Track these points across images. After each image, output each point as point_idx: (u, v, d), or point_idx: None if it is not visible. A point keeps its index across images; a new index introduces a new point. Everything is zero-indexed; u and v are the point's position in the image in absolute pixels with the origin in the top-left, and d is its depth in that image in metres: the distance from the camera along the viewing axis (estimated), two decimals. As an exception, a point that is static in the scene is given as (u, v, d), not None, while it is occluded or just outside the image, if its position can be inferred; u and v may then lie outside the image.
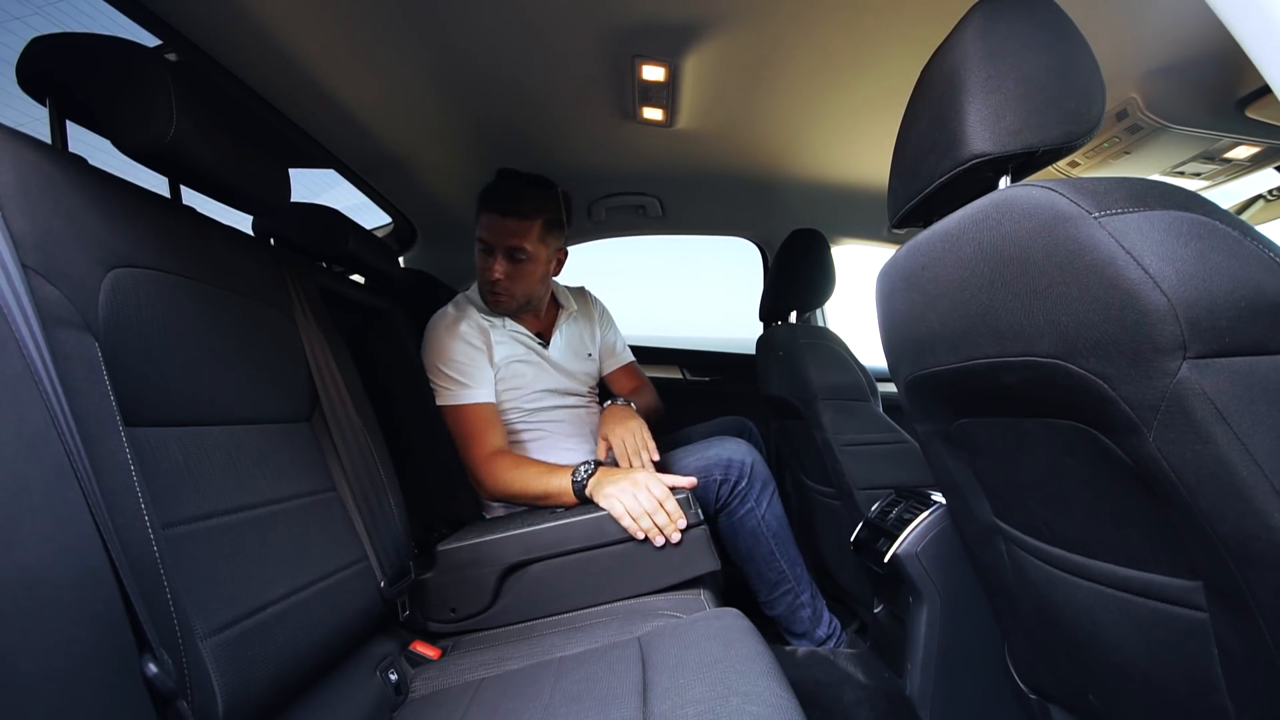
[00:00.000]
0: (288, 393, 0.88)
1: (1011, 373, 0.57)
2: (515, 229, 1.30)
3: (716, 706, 0.62)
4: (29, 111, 0.69)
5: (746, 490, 1.28)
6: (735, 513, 1.29)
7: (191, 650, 0.56)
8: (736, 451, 1.30)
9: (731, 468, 1.28)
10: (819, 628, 1.37)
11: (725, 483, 1.27)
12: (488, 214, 1.31)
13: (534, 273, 1.35)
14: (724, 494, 1.28)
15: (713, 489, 1.28)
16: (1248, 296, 0.42)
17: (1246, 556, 0.44)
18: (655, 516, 1.01)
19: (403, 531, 0.99)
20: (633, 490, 1.03)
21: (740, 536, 1.31)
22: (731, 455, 1.29)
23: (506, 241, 1.30)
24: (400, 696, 0.87)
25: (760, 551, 1.31)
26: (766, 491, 1.31)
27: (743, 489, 1.28)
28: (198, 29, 0.93)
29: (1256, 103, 0.99)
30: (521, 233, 1.30)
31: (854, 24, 1.06)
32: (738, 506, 1.29)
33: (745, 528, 1.30)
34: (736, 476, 1.27)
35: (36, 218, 0.55)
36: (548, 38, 1.11)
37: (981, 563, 0.85)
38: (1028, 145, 0.57)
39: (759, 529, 1.30)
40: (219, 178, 0.79)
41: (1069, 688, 0.76)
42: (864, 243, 2.01)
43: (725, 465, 1.28)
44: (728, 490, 1.28)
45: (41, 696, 0.41)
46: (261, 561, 0.70)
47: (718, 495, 1.28)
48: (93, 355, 0.56)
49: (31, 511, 0.43)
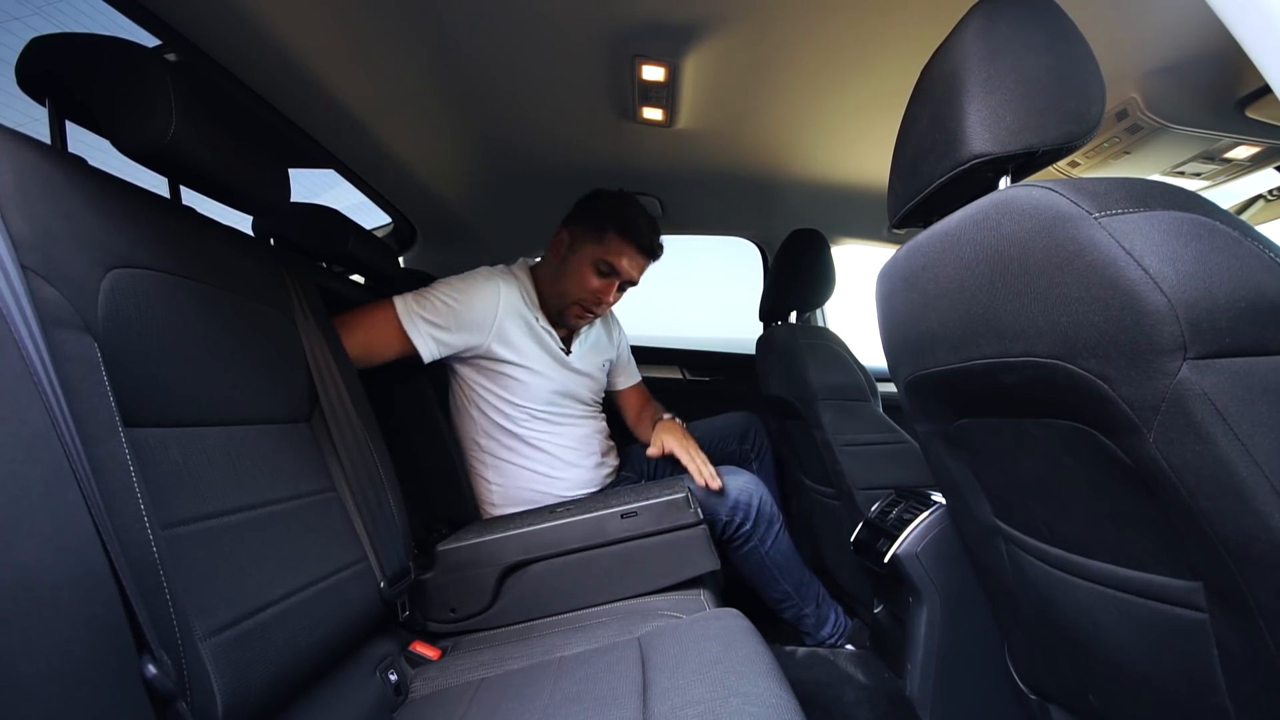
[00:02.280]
0: (287, 393, 0.88)
1: (1011, 373, 0.57)
2: (644, 268, 1.37)
3: (717, 707, 0.62)
4: (29, 111, 0.69)
5: (750, 531, 1.28)
6: (740, 549, 1.30)
7: (191, 651, 0.56)
8: (743, 492, 1.27)
9: (738, 509, 1.26)
10: (823, 629, 1.38)
11: (730, 523, 1.27)
12: (631, 247, 1.31)
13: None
14: (728, 532, 1.28)
15: (716, 524, 1.27)
16: (1248, 297, 0.42)
17: (1246, 557, 0.44)
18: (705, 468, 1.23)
19: (403, 531, 0.99)
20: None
21: (746, 566, 1.32)
22: (737, 498, 1.27)
23: (634, 277, 1.35)
24: (400, 697, 0.87)
25: (765, 579, 1.32)
26: (772, 530, 1.30)
27: (746, 531, 1.27)
28: (198, 29, 0.93)
29: (1256, 103, 0.99)
30: (643, 271, 1.37)
31: (854, 24, 1.06)
32: (741, 545, 1.29)
33: (750, 562, 1.31)
34: (741, 518, 1.27)
35: (36, 218, 0.55)
36: (548, 37, 1.11)
37: (981, 563, 0.85)
38: (1028, 145, 0.57)
39: (763, 563, 1.31)
40: (219, 178, 0.79)
41: (1069, 688, 0.76)
42: (864, 243, 2.01)
43: (731, 507, 1.26)
44: (732, 529, 1.27)
45: (41, 697, 0.41)
46: (261, 562, 0.70)
47: (722, 531, 1.28)
48: (92, 356, 0.56)
49: (30, 512, 0.43)
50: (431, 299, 1.22)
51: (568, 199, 1.57)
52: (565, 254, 1.34)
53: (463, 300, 1.23)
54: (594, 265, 1.30)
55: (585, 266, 1.30)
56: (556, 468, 1.35)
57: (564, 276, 1.33)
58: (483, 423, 1.33)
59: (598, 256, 1.30)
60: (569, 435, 1.38)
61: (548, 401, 1.35)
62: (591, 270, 1.31)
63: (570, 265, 1.32)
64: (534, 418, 1.34)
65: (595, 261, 1.30)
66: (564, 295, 1.33)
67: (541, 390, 1.33)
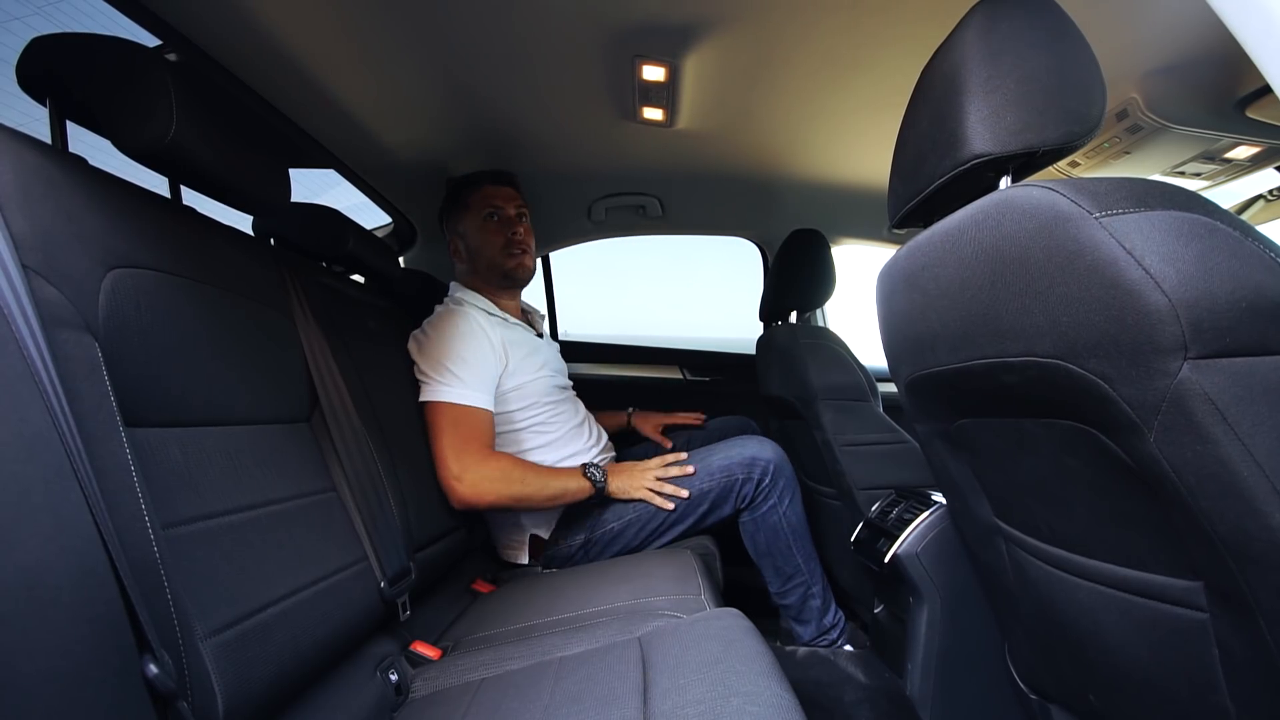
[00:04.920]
0: (287, 393, 0.88)
1: (1012, 373, 0.57)
2: (515, 195, 1.47)
3: (717, 707, 0.62)
4: (29, 111, 0.69)
5: (770, 488, 1.29)
6: (758, 509, 1.31)
7: (192, 651, 0.56)
8: (761, 451, 1.31)
9: (755, 466, 1.29)
10: (826, 616, 1.38)
11: (749, 481, 1.28)
12: (491, 187, 1.44)
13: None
14: (747, 492, 1.29)
15: (735, 488, 1.29)
16: (1248, 297, 0.42)
17: (1247, 557, 0.44)
18: (664, 488, 1.29)
19: (403, 531, 0.99)
20: (630, 478, 1.30)
21: (761, 532, 1.32)
22: (756, 454, 1.30)
23: (518, 205, 1.46)
24: (400, 697, 0.87)
25: (779, 547, 1.32)
26: (790, 489, 1.32)
27: (766, 487, 1.29)
28: (198, 29, 0.93)
29: (1256, 103, 0.99)
30: (520, 197, 1.48)
31: (854, 24, 1.06)
32: (761, 504, 1.30)
33: (766, 524, 1.31)
34: (760, 475, 1.29)
35: (36, 218, 0.55)
36: (548, 38, 1.11)
37: (981, 563, 0.85)
38: (1028, 145, 0.57)
39: (779, 525, 1.31)
40: (219, 178, 0.79)
41: (1069, 688, 0.76)
42: (864, 243, 2.01)
43: (749, 464, 1.29)
44: (751, 489, 1.29)
45: (42, 697, 0.41)
46: (261, 562, 0.70)
47: (740, 494, 1.29)
48: (93, 356, 0.56)
49: (31, 512, 0.43)
50: (457, 370, 1.25)
51: (568, 199, 1.57)
52: (466, 242, 1.45)
53: (468, 356, 1.27)
54: (482, 222, 1.43)
55: (480, 230, 1.43)
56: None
57: (480, 251, 1.43)
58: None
59: (479, 216, 1.43)
60: (571, 415, 1.45)
61: (556, 385, 1.43)
62: (484, 225, 1.43)
63: (473, 241, 1.44)
64: (547, 403, 1.39)
65: (481, 220, 1.43)
66: (491, 260, 1.43)
67: (547, 372, 1.40)
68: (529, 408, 1.36)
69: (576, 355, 2.00)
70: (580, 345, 2.14)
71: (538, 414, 1.37)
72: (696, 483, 1.29)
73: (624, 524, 1.30)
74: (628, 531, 1.30)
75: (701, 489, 1.29)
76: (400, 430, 1.15)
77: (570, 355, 1.69)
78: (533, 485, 1.21)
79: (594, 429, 1.51)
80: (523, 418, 1.35)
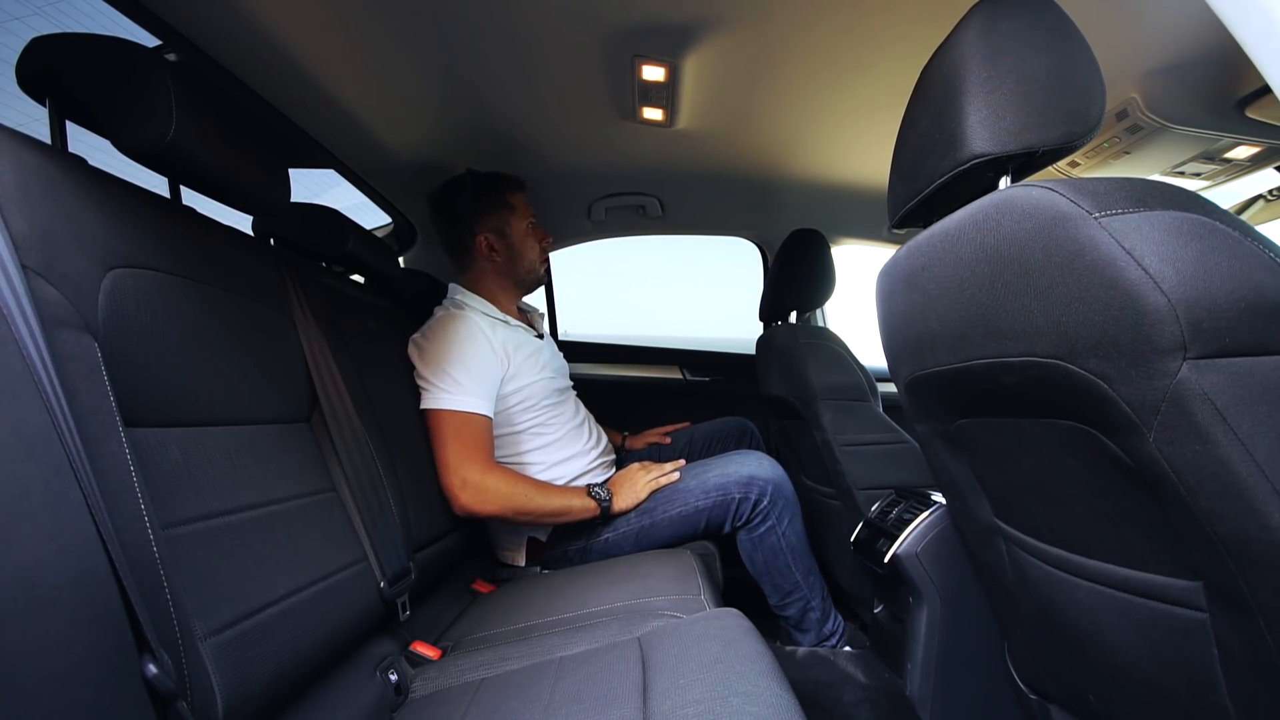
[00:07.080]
0: (287, 393, 0.88)
1: (1012, 373, 0.57)
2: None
3: (717, 707, 0.62)
4: (29, 111, 0.69)
5: (769, 509, 1.27)
6: (756, 530, 1.29)
7: (191, 651, 0.56)
8: (759, 469, 1.29)
9: (753, 486, 1.27)
10: (826, 624, 1.37)
11: (745, 500, 1.27)
12: (520, 192, 1.45)
13: None
14: (744, 511, 1.27)
15: (731, 506, 1.27)
16: (1248, 297, 0.42)
17: (1246, 557, 0.44)
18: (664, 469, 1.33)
19: (403, 531, 0.99)
20: (632, 487, 1.31)
21: (759, 552, 1.31)
22: (754, 473, 1.28)
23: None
24: (400, 697, 0.87)
25: (778, 566, 1.31)
26: (789, 510, 1.30)
27: (764, 508, 1.27)
28: (198, 29, 0.93)
29: (1256, 103, 0.99)
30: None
31: (854, 24, 1.06)
32: (759, 524, 1.28)
33: (765, 545, 1.30)
34: (757, 495, 1.27)
35: (36, 218, 0.55)
36: (548, 38, 1.11)
37: (981, 563, 0.85)
38: (1028, 145, 0.57)
39: (778, 546, 1.30)
40: (219, 178, 0.79)
41: (1069, 688, 0.76)
42: (864, 243, 2.01)
43: (746, 483, 1.27)
44: (748, 508, 1.27)
45: (41, 697, 0.41)
46: (261, 562, 0.70)
47: (737, 512, 1.28)
48: (92, 356, 0.56)
49: (31, 512, 0.43)
50: (459, 376, 1.24)
51: (567, 199, 1.57)
52: (504, 243, 1.43)
53: (469, 361, 1.26)
54: (529, 227, 1.46)
55: (525, 234, 1.45)
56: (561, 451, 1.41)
57: (523, 255, 1.45)
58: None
59: (523, 220, 1.45)
60: (572, 415, 1.45)
61: (559, 387, 1.44)
62: (531, 230, 1.46)
63: (516, 244, 1.43)
64: (550, 404, 1.39)
65: (527, 224, 1.45)
66: (531, 265, 1.46)
67: (549, 372, 1.40)
68: (530, 410, 1.35)
69: (576, 355, 2.00)
70: (580, 345, 2.14)
71: (538, 415, 1.37)
72: (693, 500, 1.28)
73: (620, 535, 1.30)
74: (624, 543, 1.30)
75: (697, 506, 1.28)
76: (400, 430, 1.15)
77: (570, 355, 1.69)
78: (536, 501, 1.22)
79: (594, 429, 1.51)
80: (523, 420, 1.35)
